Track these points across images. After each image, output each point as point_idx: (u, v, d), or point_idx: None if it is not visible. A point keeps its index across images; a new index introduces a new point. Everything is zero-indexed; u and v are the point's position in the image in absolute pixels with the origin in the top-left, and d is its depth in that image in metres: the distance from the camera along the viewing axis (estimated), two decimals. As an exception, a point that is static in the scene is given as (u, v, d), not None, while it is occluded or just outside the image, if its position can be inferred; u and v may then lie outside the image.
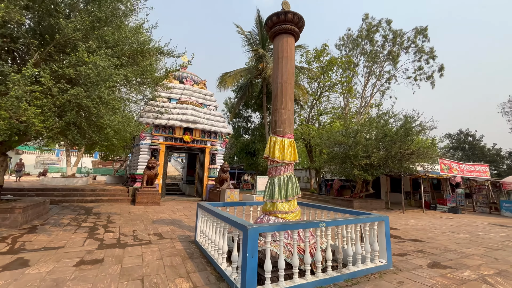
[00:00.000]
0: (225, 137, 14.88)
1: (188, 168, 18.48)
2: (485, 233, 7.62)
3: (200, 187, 14.04)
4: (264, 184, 13.95)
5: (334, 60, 19.39)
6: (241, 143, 21.11)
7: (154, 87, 8.18)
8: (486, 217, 11.68)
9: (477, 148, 31.63)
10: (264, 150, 4.91)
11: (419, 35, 22.11)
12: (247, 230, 2.85)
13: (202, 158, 14.31)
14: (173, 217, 7.98)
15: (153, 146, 12.62)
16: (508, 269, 4.24)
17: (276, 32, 5.12)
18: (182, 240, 5.30)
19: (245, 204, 5.86)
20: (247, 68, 17.72)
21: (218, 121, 14.71)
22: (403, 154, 11.44)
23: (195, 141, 13.96)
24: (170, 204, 11.44)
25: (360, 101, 22.87)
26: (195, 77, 15.53)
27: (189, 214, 8.83)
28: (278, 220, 4.34)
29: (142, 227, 6.35)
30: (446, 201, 13.78)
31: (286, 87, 4.93)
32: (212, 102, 15.29)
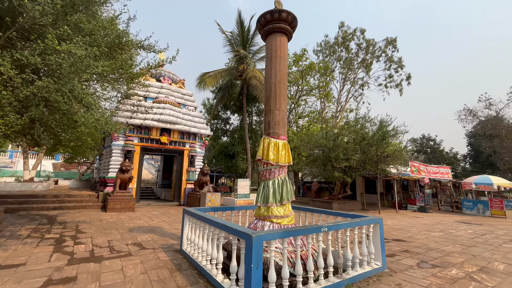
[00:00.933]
0: (205, 139, 14.40)
1: (164, 171, 17.56)
2: (455, 230, 8.17)
3: (178, 191, 13.36)
4: (245, 187, 13.71)
5: (313, 65, 19.88)
6: (220, 145, 20.63)
7: (131, 83, 7.58)
8: (451, 215, 12.64)
9: (437, 152, 34.56)
10: (257, 152, 4.70)
11: (389, 45, 23.61)
12: (251, 238, 2.62)
13: (180, 160, 13.66)
14: (152, 224, 7.40)
15: (127, 147, 11.74)
16: (487, 266, 4.49)
17: (269, 31, 4.97)
18: (166, 249, 4.86)
19: (233, 209, 5.58)
20: (228, 69, 17.41)
21: (198, 122, 14.19)
22: (380, 156, 11.96)
23: (173, 142, 13.28)
24: (145, 210, 10.68)
25: (336, 105, 23.71)
26: (173, 76, 14.87)
27: (168, 220, 8.28)
28: (273, 225, 4.16)
29: (118, 236, 5.75)
30: (416, 201, 14.70)
31: (280, 87, 4.79)
32: (192, 102, 14.73)
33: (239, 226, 3.06)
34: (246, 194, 13.65)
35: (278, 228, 4.13)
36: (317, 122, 22.33)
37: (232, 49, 17.25)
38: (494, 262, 4.72)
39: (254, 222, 4.40)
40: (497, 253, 5.37)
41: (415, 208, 14.23)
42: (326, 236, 3.47)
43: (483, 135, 29.85)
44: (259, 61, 17.87)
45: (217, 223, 3.41)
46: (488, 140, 28.39)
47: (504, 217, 12.29)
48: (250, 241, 2.63)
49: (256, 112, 23.42)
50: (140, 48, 6.63)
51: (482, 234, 7.67)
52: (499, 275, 4.00)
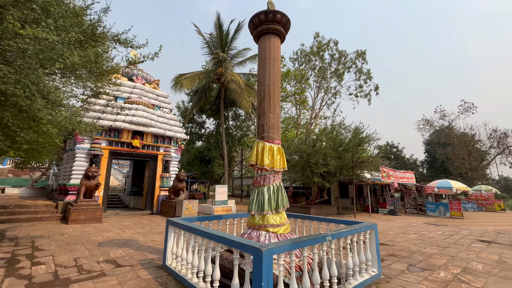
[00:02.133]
0: (181, 143, 13.69)
1: (134, 177, 16.29)
2: (427, 232, 8.67)
3: (150, 199, 12.42)
4: (223, 194, 13.24)
5: (290, 72, 20.26)
6: (195, 150, 19.84)
7: (102, 80, 6.85)
8: (417, 217, 13.53)
9: (400, 158, 37.34)
10: (250, 157, 4.45)
11: (359, 57, 25.12)
12: (261, 252, 2.34)
13: (154, 165, 12.77)
14: (124, 237, 6.66)
15: (94, 151, 10.63)
16: (468, 266, 4.72)
17: (263, 31, 4.81)
18: (146, 266, 4.32)
19: (220, 218, 5.22)
20: (205, 72, 16.92)
21: (173, 125, 13.46)
22: (355, 162, 12.42)
23: (146, 146, 12.38)
24: (114, 220, 9.68)
25: (311, 112, 24.42)
26: (147, 76, 13.99)
27: (142, 231, 7.55)
28: (269, 235, 3.91)
29: (86, 252, 5.02)
30: (386, 204, 15.52)
31: (274, 89, 4.63)
32: (167, 104, 13.97)
33: (242, 239, 2.76)
34: (224, 201, 13.18)
35: (275, 237, 3.91)
36: (292, 128, 22.69)
37: (210, 52, 16.85)
38: (472, 262, 5.00)
39: (248, 232, 4.11)
40: (471, 253, 5.73)
41: (386, 211, 15.01)
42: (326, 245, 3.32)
43: (437, 143, 33.02)
44: (238, 65, 17.72)
45: (214, 236, 3.06)
46: (442, 147, 31.43)
47: (461, 217, 13.49)
48: (260, 256, 2.35)
49: (233, 117, 23.12)
50: (116, 41, 6.03)
51: (450, 235, 8.23)
52: (481, 275, 4.20)
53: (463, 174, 28.32)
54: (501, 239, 7.59)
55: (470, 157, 27.78)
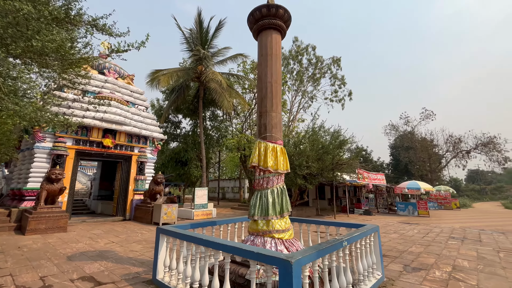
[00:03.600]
0: (158, 143, 12.82)
1: (102, 179, 14.88)
2: (405, 231, 9.09)
3: (123, 204, 11.38)
4: (203, 197, 12.69)
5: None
6: (170, 151, 18.80)
7: (72, 71, 6.05)
8: (390, 217, 14.28)
9: (369, 161, 39.61)
10: (251, 158, 4.16)
11: (334, 64, 26.14)
12: (290, 265, 2.08)
13: (127, 167, 11.75)
14: (98, 248, 5.90)
15: (57, 150, 9.41)
16: (455, 264, 4.94)
17: (264, 26, 4.58)
18: (133, 282, 3.79)
19: (215, 224, 4.83)
20: (184, 69, 16.13)
21: (150, 124, 12.57)
22: (336, 164, 12.72)
23: (119, 146, 11.35)
24: (81, 228, 8.63)
25: (289, 115, 24.73)
26: (120, 70, 12.92)
27: (118, 240, 6.78)
28: (275, 242, 3.66)
29: (55, 269, 4.28)
30: (361, 205, 16.18)
31: (276, 87, 4.41)
32: (142, 101, 13.02)
33: (262, 249, 2.47)
34: (204, 204, 12.62)
35: (281, 244, 3.66)
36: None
37: (190, 48, 16.13)
38: (457, 259, 5.25)
39: (250, 239, 3.82)
40: (452, 250, 6.06)
41: (361, 211, 15.63)
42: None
43: (401, 146, 35.66)
44: (218, 64, 17.22)
45: (225, 246, 2.72)
46: (405, 151, 33.99)
47: (428, 216, 14.54)
48: (289, 269, 2.09)
49: (210, 117, 22.45)
50: (93, 27, 5.32)
51: (426, 233, 8.72)
52: (471, 272, 4.40)
53: (423, 176, 30.88)
54: (469, 236, 8.22)
55: (430, 160, 30.46)
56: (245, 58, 16.77)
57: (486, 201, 56.09)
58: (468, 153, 27.57)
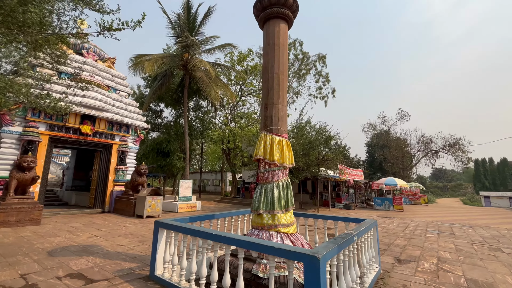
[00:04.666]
0: (140, 132, 12.17)
1: (76, 169, 13.88)
2: (386, 225, 9.58)
3: (102, 195, 10.72)
4: (187, 189, 12.36)
5: (260, 66, 19.98)
6: (151, 141, 17.96)
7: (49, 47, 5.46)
8: (368, 211, 15.00)
9: (347, 157, 41.19)
10: (255, 151, 4.05)
11: (320, 61, 26.46)
12: (318, 260, 2.03)
13: (107, 156, 11.04)
14: (80, 242, 5.48)
15: (28, 136, 8.55)
16: (439, 255, 5.27)
17: (272, 15, 4.43)
18: (128, 278, 3.56)
19: (213, 217, 4.68)
20: (169, 56, 15.35)
21: (132, 112, 11.87)
22: (321, 160, 13.00)
23: (99, 134, 10.60)
24: (56, 221, 8.00)
25: (274, 109, 24.73)
26: (100, 51, 11.97)
27: (101, 234, 6.37)
28: (281, 236, 3.62)
29: (36, 266, 3.89)
30: (342, 199, 16.79)
31: (283, 79, 4.31)
32: (124, 87, 12.22)
33: (283, 245, 2.40)
34: (189, 197, 12.31)
35: (287, 238, 3.63)
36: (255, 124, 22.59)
37: (176, 34, 15.35)
38: (439, 251, 5.62)
39: (255, 233, 3.74)
40: (432, 243, 6.47)
41: (342, 205, 16.23)
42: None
43: (377, 145, 37.44)
44: (205, 53, 16.61)
45: (241, 241, 2.61)
46: (381, 149, 35.74)
47: (402, 211, 15.48)
48: (317, 265, 2.04)
49: (193, 108, 21.78)
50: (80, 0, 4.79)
51: (405, 226, 9.25)
52: (455, 263, 4.71)
53: (396, 173, 32.79)
54: (443, 229, 8.86)
55: (403, 159, 32.38)
56: (234, 48, 16.35)
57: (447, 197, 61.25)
58: (437, 153, 29.77)
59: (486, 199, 39.92)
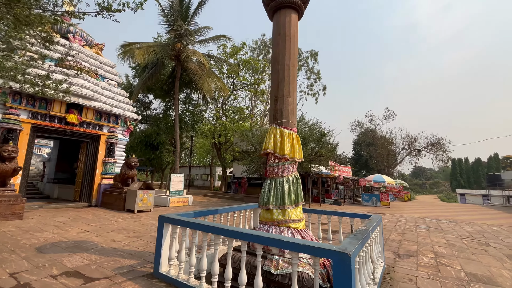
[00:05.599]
0: (130, 123, 11.67)
1: (59, 160, 13.13)
2: (377, 220, 9.79)
3: (88, 188, 10.21)
4: (179, 183, 12.06)
5: (253, 60, 19.74)
6: (140, 134, 17.32)
7: (31, 28, 5.04)
8: (357, 207, 15.36)
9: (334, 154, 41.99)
10: (264, 144, 3.93)
11: (311, 58, 26.54)
12: (349, 257, 1.96)
13: (94, 148, 10.50)
14: (70, 238, 5.16)
15: (8, 124, 7.92)
16: (435, 250, 5.43)
17: (283, 4, 4.28)
18: (131, 276, 3.36)
19: (216, 212, 4.53)
20: (161, 45, 14.74)
21: (122, 102, 11.33)
22: (314, 156, 13.09)
23: (86, 124, 10.03)
24: (40, 215, 7.52)
25: (265, 104, 24.63)
26: (87, 36, 11.27)
27: (92, 229, 6.04)
28: (291, 231, 3.55)
29: (25, 264, 3.59)
30: (332, 195, 17.08)
31: (294, 71, 4.21)
32: (113, 75, 11.63)
33: (309, 241, 2.31)
34: (180, 191, 12.02)
35: (297, 234, 3.56)
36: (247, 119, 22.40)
37: (168, 23, 14.73)
38: (434, 246, 5.79)
39: (265, 229, 3.65)
40: (425, 238, 6.67)
41: (331, 201, 16.51)
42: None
43: (363, 142, 38.40)
44: (198, 43, 16.10)
45: (262, 238, 2.49)
46: (367, 147, 36.69)
47: (389, 207, 15.99)
48: (348, 262, 1.97)
49: (183, 100, 21.21)
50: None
51: (395, 222, 9.52)
52: (451, 258, 4.87)
53: (380, 170, 33.84)
54: (431, 225, 9.19)
55: (388, 156, 33.44)
56: (228, 40, 15.95)
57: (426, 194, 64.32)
58: (420, 152, 31.03)
59: (462, 196, 42.28)
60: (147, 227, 6.49)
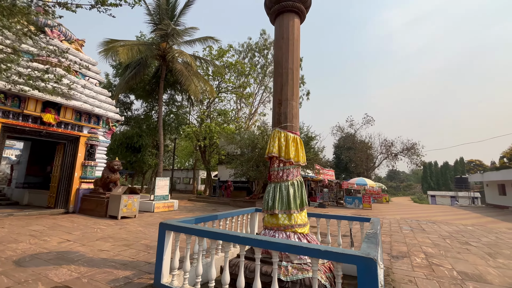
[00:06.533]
0: (113, 125, 11.06)
1: (30, 163, 12.08)
2: (363, 222, 10.08)
3: (65, 193, 9.48)
4: (164, 187, 11.62)
5: (240, 63, 19.67)
6: (121, 135, 16.47)
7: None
8: (341, 209, 15.75)
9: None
10: (268, 148, 3.88)
11: (296, 63, 27.03)
12: (375, 262, 1.96)
13: (73, 150, 9.81)
14: (51, 248, 4.72)
15: (-26, 123, 7.16)
16: (424, 250, 5.67)
17: (285, 8, 4.29)
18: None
19: (216, 218, 4.38)
20: (146, 43, 14.21)
21: (104, 101, 10.73)
22: (301, 159, 13.26)
23: (64, 124, 9.35)
24: (11, 224, 6.84)
25: (250, 108, 24.64)
26: (66, 31, 10.59)
27: (74, 238, 5.59)
28: (298, 236, 3.51)
29: (5, 280, 3.21)
30: (316, 198, 17.37)
31: (297, 75, 4.22)
32: (95, 73, 10.99)
33: (331, 247, 2.28)
34: (165, 196, 11.57)
35: (303, 238, 3.53)
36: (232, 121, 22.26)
37: (154, 21, 14.27)
38: (422, 246, 6.05)
39: (271, 234, 3.57)
40: (412, 239, 6.96)
41: (316, 204, 16.78)
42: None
43: (343, 146, 39.67)
44: (184, 44, 15.75)
45: (281, 245, 2.42)
46: (347, 151, 37.93)
47: (370, 209, 16.57)
48: (374, 267, 1.96)
49: (167, 102, 20.61)
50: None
51: (380, 223, 9.84)
52: (441, 258, 5.10)
53: (360, 174, 35.11)
54: (413, 225, 9.64)
55: (367, 160, 34.81)
56: (216, 42, 15.76)
57: (400, 196, 67.78)
58: (396, 156, 32.69)
59: (433, 197, 45.09)
60: (136, 235, 6.14)
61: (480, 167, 64.41)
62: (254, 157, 12.03)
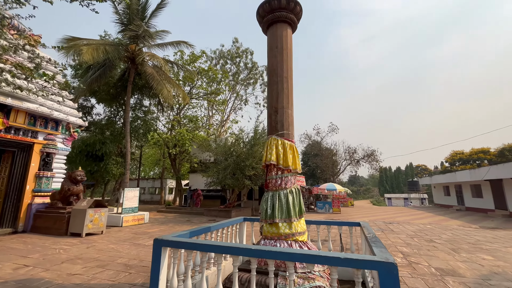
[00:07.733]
0: (74, 130, 9.96)
1: (-36, 176, 10.15)
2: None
3: (14, 210, 8.15)
4: (133, 199, 10.76)
5: (213, 70, 19.40)
6: (80, 142, 14.84)
7: None
8: (314, 214, 16.24)
9: (284, 164, 43.87)
10: (266, 156, 3.85)
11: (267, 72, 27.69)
12: (396, 267, 2.02)
13: (25, 159, 8.54)
14: (7, 277, 3.99)
15: None
16: (401, 250, 6.09)
17: (279, 18, 4.41)
18: (120, 317, 2.75)
19: (209, 230, 4.15)
20: (113, 44, 13.20)
21: (64, 104, 9.63)
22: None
23: (15, 129, 8.13)
24: None
25: (222, 115, 24.39)
26: (19, 24, 9.36)
27: (33, 262, 4.80)
28: (299, 245, 3.50)
29: (-47, 322, 2.59)
30: (290, 204, 17.67)
31: (291, 83, 4.31)
32: (54, 73, 9.82)
33: (351, 254, 2.29)
34: (134, 208, 10.70)
35: (304, 247, 3.52)
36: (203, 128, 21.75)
37: (121, 21, 13.37)
38: (397, 246, 6.49)
39: (272, 244, 3.50)
40: (386, 240, 7.44)
41: (290, 210, 17.05)
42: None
43: (310, 153, 41.37)
44: (155, 47, 15.03)
45: (296, 255, 2.36)
46: (314, 157, 39.60)
47: (340, 213, 17.40)
48: (395, 271, 2.01)
49: (133, 107, 19.33)
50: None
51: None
52: (416, 256, 5.52)
53: (326, 179, 36.83)
54: (382, 227, 10.33)
55: (332, 166, 36.72)
56: (190, 47, 15.34)
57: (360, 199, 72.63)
58: (358, 162, 35.15)
59: (389, 200, 49.23)
60: (108, 253, 5.50)
61: (426, 171, 72.67)
62: (231, 165, 11.83)
